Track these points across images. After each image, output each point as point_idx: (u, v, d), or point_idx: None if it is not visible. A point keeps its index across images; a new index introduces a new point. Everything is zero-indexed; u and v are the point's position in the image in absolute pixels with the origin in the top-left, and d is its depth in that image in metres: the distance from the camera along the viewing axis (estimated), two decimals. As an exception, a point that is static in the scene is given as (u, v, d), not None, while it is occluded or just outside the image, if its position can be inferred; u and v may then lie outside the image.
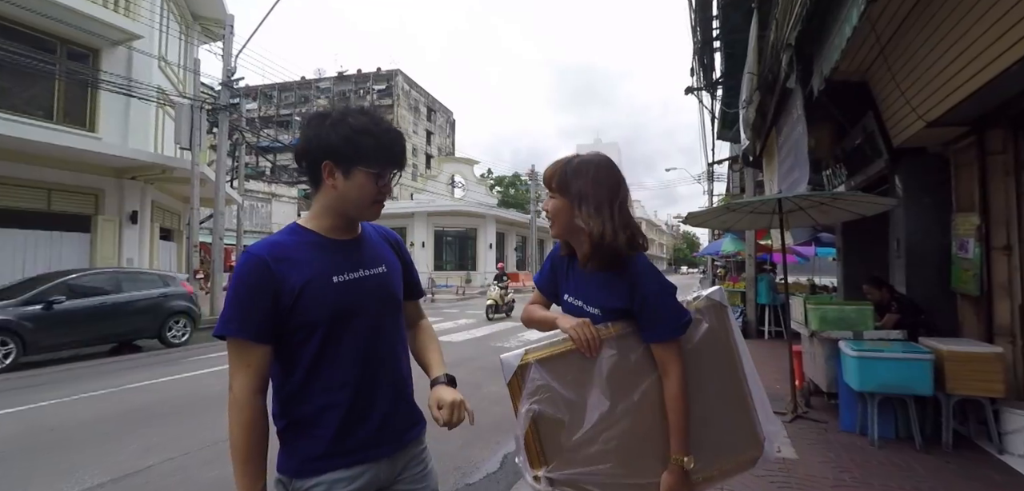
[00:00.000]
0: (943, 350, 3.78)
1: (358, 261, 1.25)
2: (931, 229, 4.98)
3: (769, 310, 10.09)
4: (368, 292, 1.23)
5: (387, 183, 1.23)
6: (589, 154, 1.41)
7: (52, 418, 4.77)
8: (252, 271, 1.13)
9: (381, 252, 1.34)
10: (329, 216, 1.24)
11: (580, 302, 1.40)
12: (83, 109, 12.20)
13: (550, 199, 1.40)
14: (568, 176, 1.36)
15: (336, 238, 1.24)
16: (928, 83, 3.90)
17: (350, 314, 1.19)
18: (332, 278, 1.18)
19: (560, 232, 1.41)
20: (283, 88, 54.53)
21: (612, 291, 1.33)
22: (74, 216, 11.99)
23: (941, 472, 3.43)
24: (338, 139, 1.17)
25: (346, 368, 1.18)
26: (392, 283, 1.32)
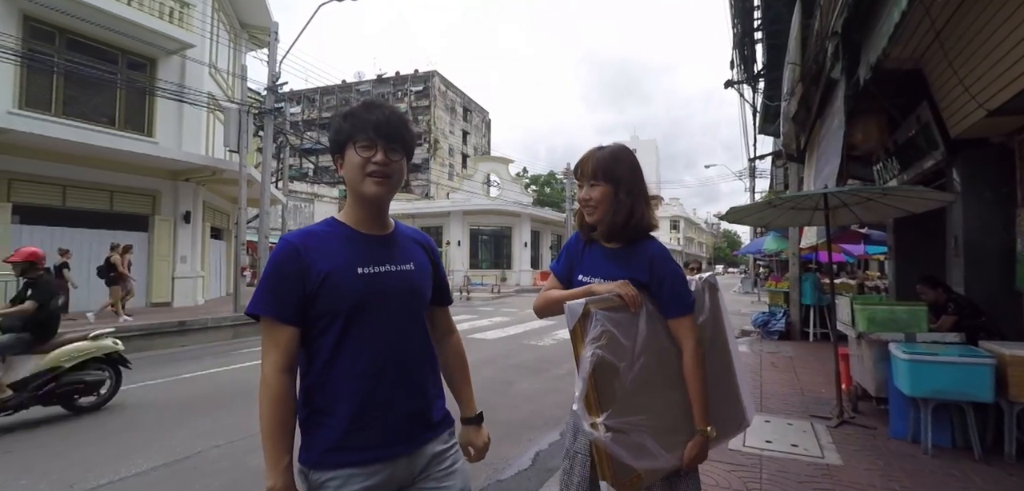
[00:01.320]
0: (1006, 354, 3.52)
1: (385, 256, 1.28)
2: (992, 225, 4.65)
3: (814, 311, 9.66)
4: (391, 287, 1.25)
5: (375, 154, 1.23)
6: (615, 144, 1.57)
7: (110, 406, 5.13)
8: (283, 256, 1.19)
9: (411, 251, 1.36)
10: (354, 207, 1.30)
11: (598, 279, 1.51)
12: (142, 115, 13.03)
13: (593, 188, 1.50)
14: (610, 164, 1.50)
15: (366, 232, 1.29)
16: (990, 68, 3.63)
17: (370, 307, 1.21)
18: (356, 269, 1.22)
19: (601, 217, 1.51)
20: (325, 92, 56.36)
21: (632, 266, 1.48)
22: (134, 216, 12.83)
23: (1002, 484, 3.20)
24: (334, 132, 1.29)
25: (363, 360, 1.20)
26: (419, 282, 1.33)
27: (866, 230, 10.44)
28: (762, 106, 11.67)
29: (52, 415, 4.75)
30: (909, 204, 4.44)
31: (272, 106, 13.31)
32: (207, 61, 14.15)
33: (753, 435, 4.12)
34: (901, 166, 5.83)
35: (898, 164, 5.90)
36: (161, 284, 13.14)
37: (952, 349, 3.83)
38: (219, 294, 17.10)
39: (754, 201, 20.13)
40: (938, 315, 4.51)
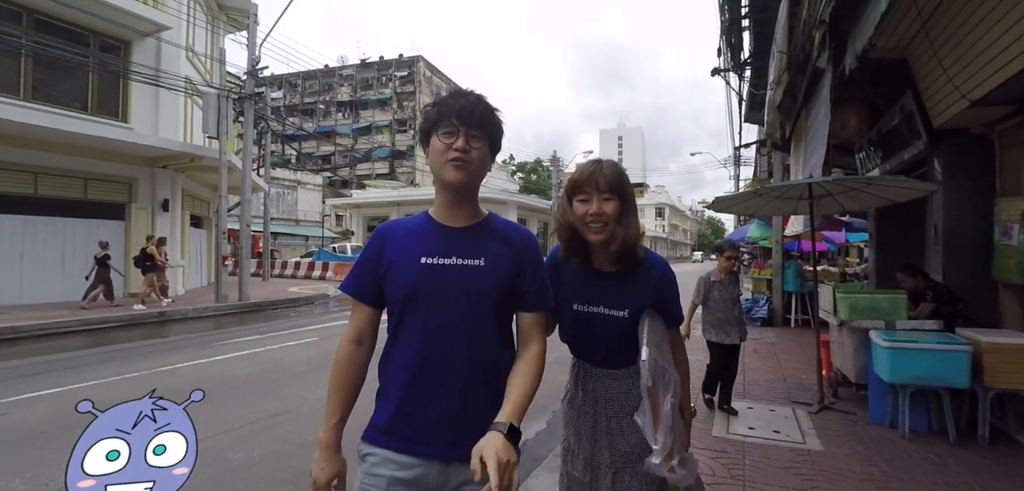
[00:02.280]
0: (982, 341, 3.60)
1: (455, 249, 1.24)
2: (971, 215, 4.73)
3: (796, 298, 9.82)
4: (448, 281, 1.21)
5: (457, 140, 1.22)
6: (611, 160, 1.51)
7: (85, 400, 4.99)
8: (369, 241, 1.32)
9: (489, 246, 1.27)
10: (438, 196, 1.31)
11: (601, 308, 1.46)
12: (116, 100, 12.60)
13: (606, 202, 1.42)
14: (622, 179, 1.46)
15: (443, 223, 1.29)
16: (974, 59, 3.66)
17: (423, 298, 1.20)
18: (420, 259, 1.23)
19: (611, 235, 1.43)
20: (307, 76, 55.23)
21: (638, 292, 1.47)
22: (110, 204, 12.47)
23: (976, 467, 3.29)
24: (421, 122, 1.31)
25: (411, 349, 1.21)
26: (485, 278, 1.23)
27: (848, 218, 10.62)
28: (748, 94, 11.73)
29: (26, 412, 4.61)
30: (892, 193, 4.50)
31: (252, 91, 12.98)
32: (184, 44, 13.71)
33: (736, 422, 4.17)
34: (884, 155, 5.90)
35: (880, 153, 5.97)
36: (139, 274, 12.82)
37: (931, 336, 3.91)
38: (200, 284, 16.78)
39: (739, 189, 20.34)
40: (917, 303, 4.59)
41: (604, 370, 1.54)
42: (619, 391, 1.52)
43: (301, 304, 13.86)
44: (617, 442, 1.50)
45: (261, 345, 7.78)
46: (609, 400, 1.53)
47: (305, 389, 5.34)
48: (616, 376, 1.53)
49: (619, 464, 1.49)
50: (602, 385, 1.54)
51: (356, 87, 55.19)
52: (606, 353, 1.53)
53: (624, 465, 1.48)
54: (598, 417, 1.53)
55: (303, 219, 38.73)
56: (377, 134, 53.68)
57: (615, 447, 1.50)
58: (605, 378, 1.54)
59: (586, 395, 1.56)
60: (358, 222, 36.75)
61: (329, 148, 53.79)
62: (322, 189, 42.15)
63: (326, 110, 55.45)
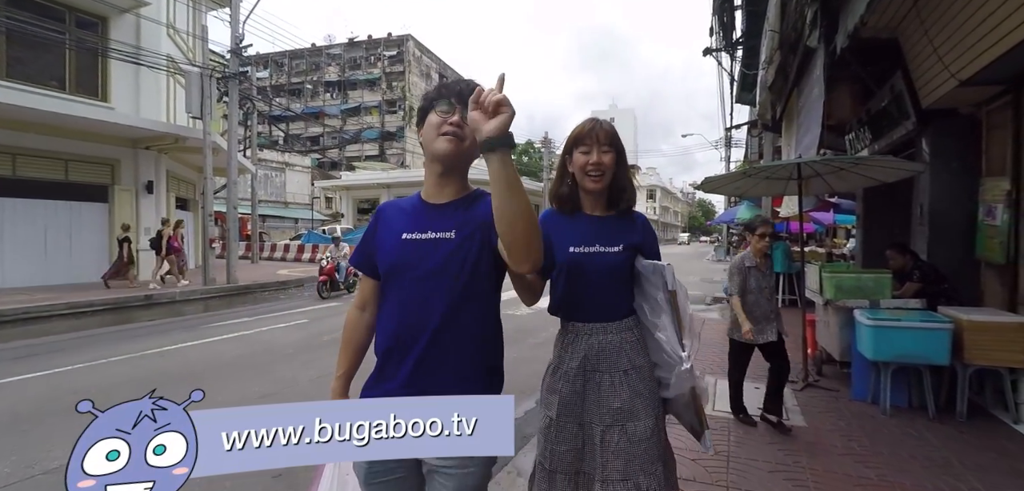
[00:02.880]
0: (963, 319, 3.67)
1: (432, 223, 1.31)
2: (957, 195, 4.78)
3: (784, 278, 9.92)
4: (426, 254, 1.28)
5: (453, 114, 1.27)
6: (607, 120, 1.68)
7: (74, 382, 4.93)
8: (371, 219, 1.47)
9: (462, 217, 1.30)
10: (426, 175, 1.38)
11: (598, 247, 1.58)
12: (95, 79, 12.26)
13: (605, 153, 1.58)
14: (616, 135, 1.63)
15: (428, 201, 1.35)
16: (963, 38, 3.66)
17: (400, 272, 1.30)
18: (401, 235, 1.32)
19: (608, 183, 1.60)
20: (294, 55, 54.13)
21: (630, 232, 1.63)
22: (92, 186, 12.21)
23: (953, 441, 3.37)
24: (420, 103, 1.39)
25: (391, 317, 1.32)
26: (454, 249, 1.27)
27: (836, 199, 10.70)
28: (740, 74, 11.69)
29: (11, 396, 4.55)
30: (880, 173, 4.52)
31: (237, 70, 12.69)
32: (164, 21, 13.32)
33: (722, 399, 4.23)
34: (873, 136, 5.93)
35: (870, 134, 6.00)
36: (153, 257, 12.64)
37: (913, 315, 3.96)
38: (188, 267, 16.57)
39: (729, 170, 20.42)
40: (904, 281, 4.65)
41: (597, 325, 1.58)
42: (612, 345, 1.57)
43: (291, 286, 13.77)
44: (607, 399, 1.53)
45: (250, 327, 7.73)
46: (602, 356, 1.56)
47: (295, 370, 5.33)
48: (609, 330, 1.58)
49: (608, 421, 1.52)
50: (595, 342, 1.57)
51: (344, 67, 54.24)
52: (601, 300, 1.59)
53: (613, 422, 1.52)
54: (588, 377, 1.57)
55: (292, 201, 38.30)
56: (366, 115, 52.97)
57: (604, 404, 1.53)
58: (598, 334, 1.58)
59: (574, 356, 1.59)
60: (348, 204, 36.43)
61: (317, 129, 53.02)
62: (311, 171, 41.62)
63: (314, 90, 54.52)
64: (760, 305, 3.65)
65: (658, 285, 1.54)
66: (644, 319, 1.60)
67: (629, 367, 1.56)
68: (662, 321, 1.52)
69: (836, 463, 3.07)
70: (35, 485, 2.96)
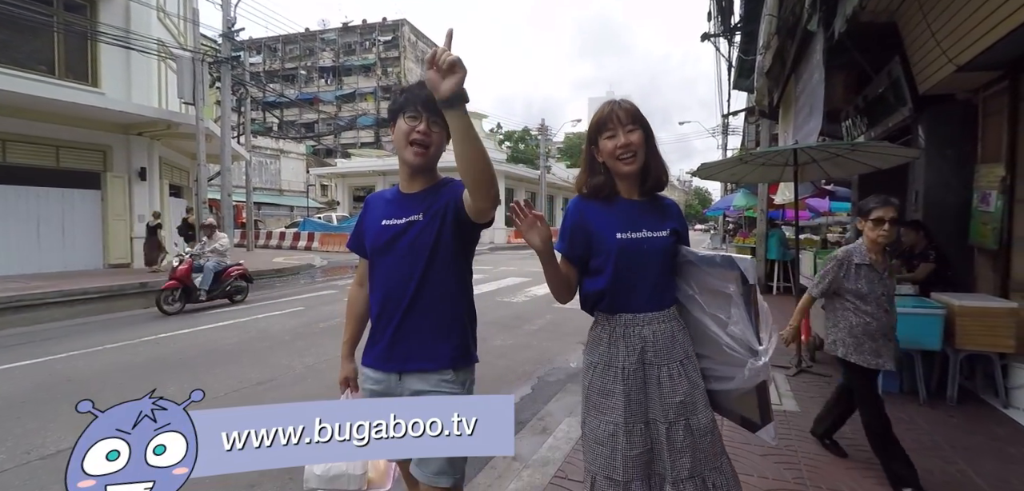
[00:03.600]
0: (955, 305, 3.70)
1: (404, 211, 1.53)
2: (951, 182, 4.80)
3: (779, 265, 9.98)
4: (399, 237, 1.51)
5: (419, 123, 1.46)
6: (624, 98, 1.57)
7: (68, 369, 4.92)
8: (361, 210, 1.69)
9: (429, 201, 1.52)
10: (400, 170, 1.57)
11: (645, 232, 1.51)
12: (84, 63, 12.06)
13: (632, 132, 1.50)
14: (640, 112, 1.53)
15: (403, 192, 1.58)
16: (962, 22, 3.64)
17: (384, 250, 1.53)
18: (381, 222, 1.55)
19: (639, 165, 1.51)
20: (287, 41, 53.44)
21: (670, 216, 1.58)
22: (83, 173, 12.08)
23: (944, 425, 3.42)
24: (390, 104, 1.56)
25: (377, 294, 1.56)
26: (423, 228, 1.49)
27: (832, 187, 10.72)
28: (737, 60, 11.63)
29: (5, 383, 4.53)
30: (876, 160, 4.53)
31: (229, 54, 12.53)
32: (154, 3, 13.09)
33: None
34: (869, 122, 5.92)
35: (866, 120, 5.99)
36: (119, 244, 12.55)
37: (907, 300, 3.99)
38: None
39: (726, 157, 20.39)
40: (910, 258, 4.63)
41: (647, 315, 1.50)
42: (665, 336, 1.49)
43: (287, 274, 13.72)
44: (668, 393, 1.46)
45: (246, 315, 7.72)
46: (656, 348, 1.48)
47: (291, 357, 5.33)
48: (661, 319, 1.50)
49: (672, 417, 1.44)
50: (648, 332, 1.49)
51: (339, 52, 53.62)
52: (651, 288, 1.50)
53: (677, 418, 1.44)
54: (647, 371, 1.48)
55: (287, 189, 38.06)
56: (361, 101, 52.49)
57: (666, 400, 1.45)
58: (651, 324, 1.49)
59: (631, 351, 1.48)
60: (343, 192, 36.24)
61: (312, 116, 52.53)
62: (306, 158, 41.31)
63: (308, 76, 53.93)
64: (878, 318, 2.62)
65: (727, 278, 1.46)
66: (696, 311, 1.53)
67: (684, 357, 1.50)
68: (734, 314, 1.44)
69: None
70: (31, 470, 2.95)
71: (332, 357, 5.34)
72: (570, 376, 4.70)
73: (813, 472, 2.78)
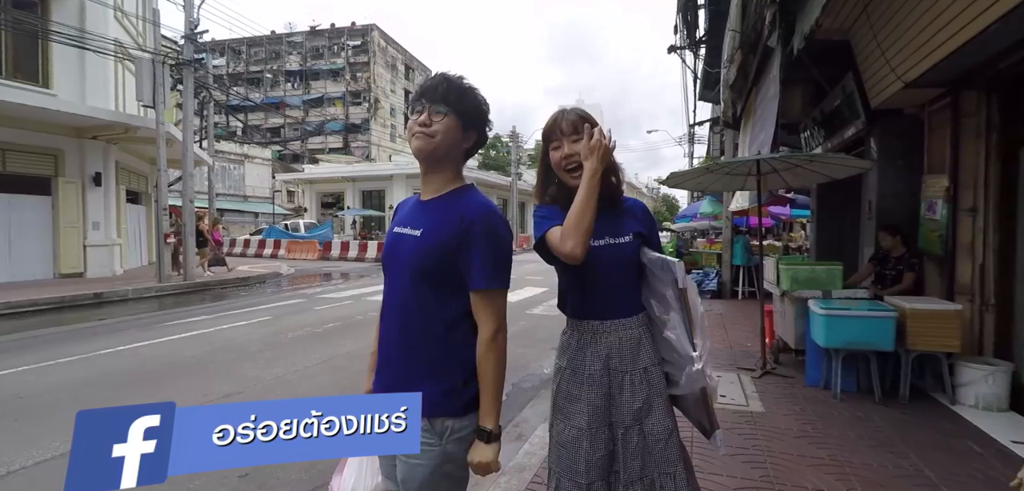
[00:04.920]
0: (905, 308, 3.92)
1: (412, 219, 1.39)
2: (902, 191, 5.08)
3: (743, 271, 10.32)
4: (399, 247, 1.38)
5: (422, 114, 1.34)
6: (573, 106, 1.57)
7: (19, 385, 4.64)
8: None
9: (433, 218, 1.34)
10: None
11: (605, 239, 1.49)
12: (35, 63, 11.46)
13: (576, 143, 1.47)
14: (588, 119, 1.50)
15: (421, 198, 1.43)
16: (908, 42, 3.89)
17: (388, 262, 1.42)
18: (395, 229, 1.42)
19: None
20: (252, 43, 52.03)
21: (633, 221, 1.54)
22: (32, 178, 11.44)
23: (898, 422, 3.61)
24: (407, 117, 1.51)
25: (383, 305, 1.43)
26: (419, 248, 1.32)
27: (792, 194, 11.19)
28: (703, 72, 12.02)
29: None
30: (832, 170, 4.76)
31: (191, 56, 12.11)
32: (111, 2, 12.56)
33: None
34: (826, 134, 6.22)
35: (823, 132, 6.29)
36: (71, 253, 11.91)
37: (862, 304, 4.21)
38: (140, 263, 15.78)
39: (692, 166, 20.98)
40: (886, 262, 4.82)
41: (612, 322, 1.50)
42: (630, 343, 1.49)
43: (252, 283, 13.31)
44: (627, 400, 1.47)
45: (210, 325, 7.45)
46: (621, 355, 1.49)
47: (259, 368, 5.18)
48: (626, 326, 1.50)
49: (628, 422, 1.47)
50: (614, 339, 1.49)
51: (306, 56, 52.56)
52: (614, 295, 1.50)
53: (633, 422, 1.46)
54: (612, 377, 1.49)
55: (251, 195, 36.93)
56: (329, 106, 51.56)
57: (625, 406, 1.47)
58: (616, 331, 1.49)
59: (596, 358, 1.49)
60: (311, 198, 35.44)
61: (278, 120, 51.24)
62: (272, 163, 40.21)
63: (274, 80, 52.63)
64: None
65: (667, 281, 1.47)
66: (652, 315, 1.53)
67: (648, 364, 1.50)
68: (672, 319, 1.46)
69: (791, 445, 3.24)
70: (-24, 497, 2.77)
71: (302, 368, 5.21)
72: (544, 382, 4.74)
73: (779, 470, 2.89)
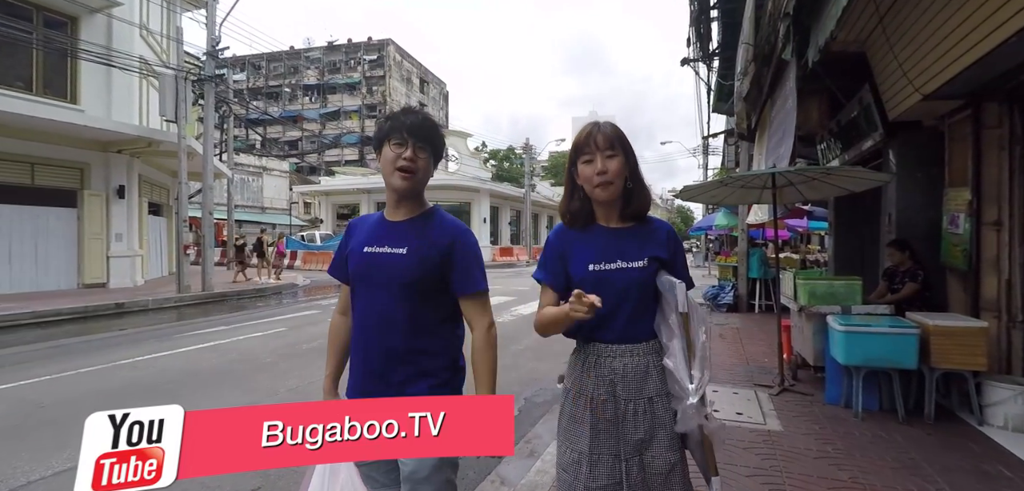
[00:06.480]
0: (929, 325, 3.81)
1: (388, 238, 1.47)
2: (923, 204, 4.97)
3: (760, 284, 10.15)
4: (379, 267, 1.45)
5: (405, 150, 1.43)
6: (607, 120, 1.53)
7: (41, 395, 4.75)
8: (343, 233, 1.62)
9: (415, 236, 1.47)
10: (387, 197, 1.52)
11: (619, 263, 1.45)
12: (64, 80, 11.88)
13: (610, 159, 1.44)
14: (622, 135, 1.47)
15: (388, 218, 1.52)
16: (926, 55, 3.83)
17: (362, 281, 1.48)
18: (364, 248, 1.49)
19: (618, 191, 1.47)
20: (272, 58, 53.30)
21: (653, 244, 1.50)
22: (59, 190, 11.81)
23: (922, 443, 3.49)
24: (376, 131, 1.54)
25: (356, 322, 1.51)
26: (404, 265, 1.44)
27: (809, 207, 11.01)
28: (716, 84, 11.96)
29: (-32, 410, 4.35)
30: (849, 183, 4.68)
31: (212, 72, 12.45)
32: (137, 22, 12.99)
33: (703, 405, 4.30)
34: (843, 146, 6.12)
35: (840, 145, 6.20)
36: (94, 264, 12.23)
37: (883, 320, 4.11)
38: (160, 274, 16.13)
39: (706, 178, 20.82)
40: (894, 277, 4.75)
41: (619, 347, 1.45)
42: (637, 370, 1.43)
43: (268, 294, 13.50)
44: (629, 430, 1.42)
45: (227, 336, 7.56)
46: (626, 383, 1.43)
47: (274, 380, 5.23)
48: (634, 352, 1.44)
49: (628, 454, 1.41)
50: (619, 365, 1.44)
51: (323, 70, 53.61)
52: (624, 321, 1.44)
53: (632, 454, 1.41)
54: (618, 405, 1.43)
55: (269, 206, 37.59)
56: (346, 119, 52.41)
57: (628, 436, 1.42)
58: (622, 357, 1.44)
59: (601, 382, 1.45)
60: (327, 210, 35.90)
61: (296, 133, 52.24)
62: (289, 175, 40.93)
63: (292, 94, 53.73)
64: None
65: (672, 306, 1.39)
66: (661, 342, 1.45)
67: (654, 394, 1.43)
68: (673, 346, 1.38)
69: (810, 466, 3.15)
70: (-1, 505, 2.84)
71: (317, 379, 5.25)
72: (557, 397, 4.70)
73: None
